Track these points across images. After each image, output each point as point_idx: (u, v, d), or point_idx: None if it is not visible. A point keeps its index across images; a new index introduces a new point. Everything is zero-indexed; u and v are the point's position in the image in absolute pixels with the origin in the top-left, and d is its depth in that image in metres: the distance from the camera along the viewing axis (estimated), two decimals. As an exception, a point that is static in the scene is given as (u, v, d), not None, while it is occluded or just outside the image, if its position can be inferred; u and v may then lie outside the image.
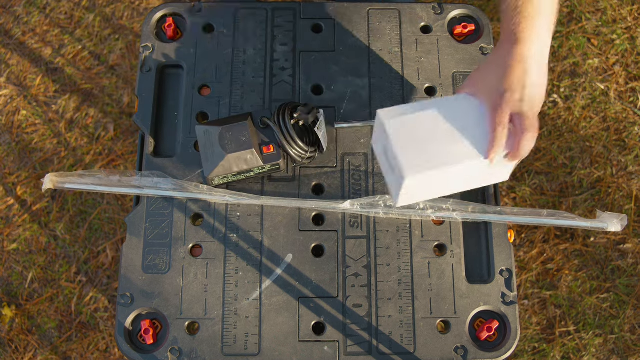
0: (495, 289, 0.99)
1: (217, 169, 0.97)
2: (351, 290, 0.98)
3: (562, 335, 1.75)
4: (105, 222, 1.84)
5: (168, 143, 1.09)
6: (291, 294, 0.98)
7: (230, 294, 0.98)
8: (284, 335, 0.96)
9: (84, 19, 2.05)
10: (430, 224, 1.02)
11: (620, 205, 1.84)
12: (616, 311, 1.76)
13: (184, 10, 1.14)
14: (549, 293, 1.78)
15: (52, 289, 1.79)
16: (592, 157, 1.89)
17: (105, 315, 1.78)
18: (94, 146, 1.91)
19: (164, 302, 0.98)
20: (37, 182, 1.88)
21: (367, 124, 1.05)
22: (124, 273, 0.99)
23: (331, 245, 1.00)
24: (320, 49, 1.11)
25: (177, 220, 1.02)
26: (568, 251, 1.81)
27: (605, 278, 1.79)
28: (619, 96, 1.95)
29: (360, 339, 0.96)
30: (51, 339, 1.76)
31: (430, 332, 0.96)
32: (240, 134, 0.97)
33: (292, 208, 1.02)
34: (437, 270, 0.99)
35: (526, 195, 1.85)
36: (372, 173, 1.04)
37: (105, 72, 1.99)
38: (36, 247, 1.83)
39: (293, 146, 0.98)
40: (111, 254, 1.81)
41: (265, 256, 1.00)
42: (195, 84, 1.10)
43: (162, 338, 0.97)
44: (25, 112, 1.95)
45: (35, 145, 1.92)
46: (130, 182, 1.02)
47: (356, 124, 1.06)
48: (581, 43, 2.00)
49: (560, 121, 1.92)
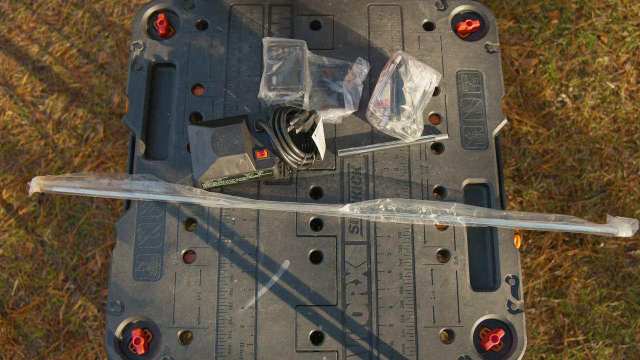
0: (501, 297, 0.99)
1: (207, 171, 0.97)
2: (351, 298, 0.98)
3: (570, 345, 1.75)
4: (95, 227, 1.84)
5: (160, 145, 1.09)
6: (288, 302, 0.98)
7: (224, 302, 0.98)
8: (280, 345, 0.96)
9: (72, 15, 2.05)
10: (433, 229, 1.02)
11: (632, 209, 1.85)
12: (627, 320, 1.77)
13: (176, 7, 1.15)
14: (557, 301, 1.78)
15: (39, 297, 1.79)
16: (602, 160, 1.89)
17: (95, 324, 1.77)
18: (83, 148, 1.91)
19: (156, 311, 0.98)
20: (24, 185, 1.88)
21: (369, 149, 1.05)
22: (114, 280, 0.99)
23: (330, 251, 1.01)
24: (319, 46, 1.11)
25: (169, 225, 1.02)
26: (577, 257, 1.81)
27: (616, 285, 1.79)
28: (629, 96, 1.96)
29: (360, 349, 0.96)
30: (38, 349, 1.76)
31: (433, 342, 0.96)
32: (233, 136, 0.97)
33: (289, 212, 1.02)
34: (441, 277, 0.99)
35: (533, 199, 1.86)
36: (373, 176, 1.05)
37: (94, 71, 1.99)
38: (22, 253, 1.83)
39: (288, 152, 0.98)
40: (100, 260, 1.81)
41: (261, 263, 1.00)
42: (188, 83, 1.10)
43: (154, 348, 0.97)
44: (11, 113, 1.96)
45: (22, 147, 1.92)
46: (120, 185, 1.02)
47: (359, 150, 1.05)
48: (590, 40, 2.01)
49: (569, 122, 1.92)
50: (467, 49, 1.13)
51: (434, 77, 1.06)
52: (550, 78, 1.97)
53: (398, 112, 1.02)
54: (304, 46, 1.05)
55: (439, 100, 1.09)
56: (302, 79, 1.03)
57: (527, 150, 1.89)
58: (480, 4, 1.16)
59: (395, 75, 1.03)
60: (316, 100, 1.08)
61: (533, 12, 2.03)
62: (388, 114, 1.03)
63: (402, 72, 1.03)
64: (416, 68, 1.04)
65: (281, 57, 1.04)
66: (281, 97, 1.03)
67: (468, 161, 1.06)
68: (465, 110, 1.09)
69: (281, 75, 1.04)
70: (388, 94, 1.03)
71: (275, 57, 1.04)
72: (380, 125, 1.05)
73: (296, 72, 1.04)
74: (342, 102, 1.08)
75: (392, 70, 1.04)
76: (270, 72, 1.04)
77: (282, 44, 1.06)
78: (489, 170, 1.05)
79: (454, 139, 1.07)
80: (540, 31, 2.01)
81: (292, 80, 1.03)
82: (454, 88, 1.10)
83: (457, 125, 1.08)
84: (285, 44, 1.06)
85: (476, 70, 1.11)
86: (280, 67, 1.04)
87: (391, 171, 1.05)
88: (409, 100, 1.03)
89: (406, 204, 1.01)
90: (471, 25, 1.13)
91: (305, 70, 1.04)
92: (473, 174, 1.05)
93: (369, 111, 1.05)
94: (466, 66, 1.12)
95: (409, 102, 1.03)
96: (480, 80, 1.11)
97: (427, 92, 1.05)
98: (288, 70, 1.04)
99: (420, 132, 1.04)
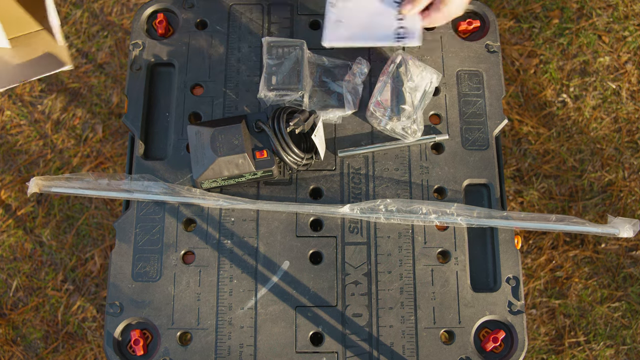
0: (502, 298, 0.99)
1: (206, 172, 0.97)
2: (351, 299, 0.98)
3: (571, 346, 1.75)
4: (93, 227, 1.84)
5: (159, 145, 1.09)
6: (288, 302, 0.98)
7: (224, 302, 0.98)
8: (280, 346, 0.96)
9: (71, 14, 2.05)
10: (434, 230, 1.02)
11: (633, 209, 1.85)
12: (628, 321, 1.77)
13: (175, 6, 1.15)
14: (558, 302, 1.78)
15: (38, 298, 1.79)
16: (603, 160, 1.89)
17: (93, 325, 1.77)
18: (82, 148, 1.91)
19: (155, 312, 0.98)
20: (22, 185, 1.88)
21: (369, 149, 1.05)
22: (113, 281, 0.99)
23: (330, 251, 1.01)
24: (319, 46, 1.11)
25: (168, 225, 1.02)
26: (578, 258, 1.81)
27: (617, 286, 1.79)
28: (631, 96, 1.96)
29: (360, 350, 0.96)
30: (37, 350, 1.76)
31: (434, 343, 0.96)
32: (233, 137, 0.97)
33: (289, 213, 1.02)
34: (441, 278, 0.99)
35: (534, 199, 1.86)
36: (373, 176, 1.05)
37: (93, 71, 1.99)
38: (21, 254, 1.83)
39: (288, 153, 0.98)
40: (99, 261, 1.81)
41: (261, 263, 1.00)
42: (187, 83, 1.10)
43: (153, 349, 0.97)
44: (9, 113, 1.96)
45: (20, 147, 1.92)
46: (119, 185, 1.02)
47: (359, 150, 1.05)
48: (591, 40, 2.01)
49: (570, 122, 1.93)
50: (467, 49, 1.13)
51: (434, 77, 1.06)
52: (551, 78, 1.97)
53: (398, 112, 1.02)
54: (303, 46, 1.06)
55: (440, 100, 1.09)
56: (302, 79, 1.03)
57: (527, 150, 1.89)
58: (481, 4, 1.16)
59: (396, 75, 1.04)
60: (316, 100, 1.08)
61: (534, 12, 2.03)
62: (388, 114, 1.03)
63: (402, 72, 1.04)
64: (416, 68, 1.05)
65: (281, 57, 1.04)
66: (281, 97, 1.03)
67: (468, 161, 1.06)
68: (466, 110, 1.09)
69: (281, 75, 1.04)
70: (388, 94, 1.03)
71: (274, 56, 1.04)
72: (380, 126, 1.05)
73: (296, 72, 1.04)
74: (342, 102, 1.08)
75: (392, 70, 1.04)
76: (269, 72, 1.04)
77: (281, 43, 1.06)
78: (489, 170, 1.05)
79: (454, 139, 1.07)
80: (541, 31, 2.01)
81: (292, 80, 1.03)
82: (455, 88, 1.10)
83: (458, 126, 1.08)
84: (285, 43, 1.06)
85: (477, 70, 1.11)
86: (279, 67, 1.04)
87: (391, 171, 1.05)
88: (409, 100, 1.03)
89: (406, 204, 1.01)
90: (472, 25, 1.13)
91: (305, 70, 1.04)
92: (473, 174, 1.05)
93: (369, 111, 1.05)
94: (467, 66, 1.12)
95: (409, 102, 1.03)
96: (480, 80, 1.11)
97: (427, 92, 1.05)
98: (288, 70, 1.04)
99: (421, 132, 1.04)
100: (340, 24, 1.07)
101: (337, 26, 1.07)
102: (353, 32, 1.07)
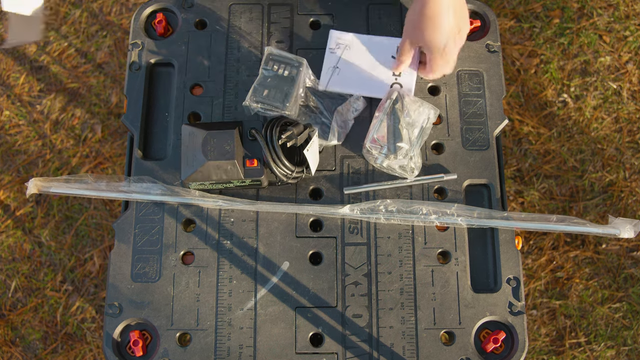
0: (502, 299, 0.99)
1: (194, 174, 0.97)
2: (351, 299, 0.98)
3: (572, 347, 1.75)
4: (93, 228, 1.84)
5: (158, 145, 1.09)
6: (288, 303, 0.98)
7: (223, 303, 0.98)
8: (280, 347, 0.96)
9: (70, 14, 2.05)
10: (434, 230, 1.02)
11: (634, 210, 1.85)
12: (629, 322, 1.77)
13: (175, 6, 1.15)
14: (559, 303, 1.78)
15: (37, 299, 1.79)
16: (604, 160, 1.89)
17: (93, 326, 1.77)
18: (81, 148, 1.91)
19: (154, 312, 0.98)
20: (21, 186, 1.88)
21: (374, 187, 1.04)
22: (112, 282, 0.99)
23: (330, 252, 1.01)
24: (319, 46, 1.11)
25: (167, 226, 1.02)
26: (578, 259, 1.81)
27: (618, 287, 1.79)
28: (632, 96, 1.96)
29: (360, 350, 0.96)
30: (36, 350, 1.76)
31: (434, 344, 0.96)
32: (225, 142, 0.97)
33: (288, 213, 1.02)
34: (441, 278, 1.00)
35: (534, 199, 1.86)
36: (373, 177, 1.05)
37: (92, 71, 1.99)
38: (20, 255, 1.83)
39: (278, 165, 0.98)
40: (98, 262, 1.81)
41: (261, 264, 1.00)
42: (186, 83, 1.10)
43: (152, 350, 0.97)
44: (8, 113, 1.96)
45: (19, 147, 1.92)
46: (118, 188, 1.02)
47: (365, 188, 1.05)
48: (592, 40, 2.01)
49: (571, 122, 1.93)
50: (467, 49, 1.13)
51: (431, 112, 1.04)
52: (551, 78, 1.97)
53: (394, 150, 1.01)
54: (301, 67, 1.04)
55: (440, 100, 1.09)
56: (289, 100, 1.02)
57: (528, 150, 1.89)
58: (481, 3, 1.16)
59: (392, 112, 1.03)
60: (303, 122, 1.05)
61: (534, 12, 2.03)
62: (385, 151, 1.02)
63: (398, 108, 1.02)
64: (413, 103, 1.03)
65: (277, 71, 1.03)
66: (264, 110, 1.02)
67: (469, 162, 1.06)
68: (466, 111, 1.09)
69: (271, 90, 1.02)
70: (384, 131, 1.02)
71: (270, 69, 1.03)
72: (377, 163, 1.04)
73: (284, 91, 1.02)
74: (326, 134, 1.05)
75: (388, 106, 1.03)
76: (261, 84, 1.03)
77: (281, 58, 1.04)
78: (490, 170, 1.05)
79: (454, 140, 1.07)
80: (541, 31, 2.01)
81: (277, 98, 1.02)
82: (455, 88, 1.10)
83: (458, 126, 1.08)
84: (285, 59, 1.04)
85: (477, 70, 1.11)
86: (272, 80, 1.03)
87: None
88: (406, 137, 1.01)
89: (406, 204, 1.01)
90: (472, 25, 1.13)
91: (296, 91, 1.03)
92: (474, 174, 1.05)
93: (365, 148, 1.03)
94: (467, 66, 1.12)
95: (405, 139, 1.01)
96: (481, 80, 1.11)
97: (424, 128, 1.04)
98: (278, 87, 1.02)
99: (418, 170, 1.03)
100: (339, 71, 1.09)
101: (334, 72, 1.09)
102: (350, 81, 1.09)
